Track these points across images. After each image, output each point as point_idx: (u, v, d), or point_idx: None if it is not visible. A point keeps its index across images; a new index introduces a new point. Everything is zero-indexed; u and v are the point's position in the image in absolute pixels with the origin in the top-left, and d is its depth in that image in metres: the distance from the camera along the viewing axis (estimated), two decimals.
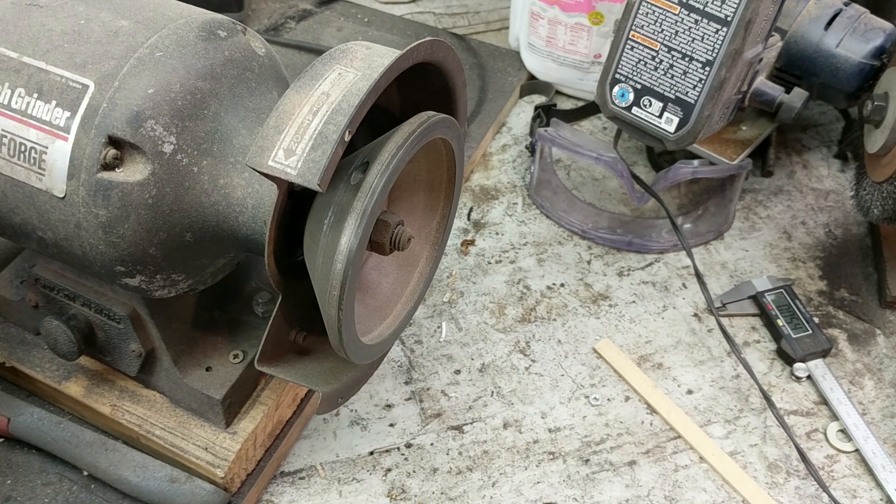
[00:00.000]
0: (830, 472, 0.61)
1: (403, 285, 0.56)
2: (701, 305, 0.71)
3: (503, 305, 0.71)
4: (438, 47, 0.47)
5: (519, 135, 0.85)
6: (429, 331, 0.69)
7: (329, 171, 0.41)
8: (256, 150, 0.42)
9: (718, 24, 0.60)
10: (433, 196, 0.56)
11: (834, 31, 0.73)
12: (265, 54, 0.51)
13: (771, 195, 0.80)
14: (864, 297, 0.72)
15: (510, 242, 0.75)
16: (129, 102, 0.45)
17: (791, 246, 0.76)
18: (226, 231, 0.48)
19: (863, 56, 0.72)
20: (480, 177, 0.81)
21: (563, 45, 0.83)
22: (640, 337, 0.69)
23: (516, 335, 0.69)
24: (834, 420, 0.64)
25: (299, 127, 0.41)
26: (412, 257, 0.56)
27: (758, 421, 0.64)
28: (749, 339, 0.69)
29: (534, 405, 0.64)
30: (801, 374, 0.66)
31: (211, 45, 0.48)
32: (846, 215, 0.79)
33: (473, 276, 0.73)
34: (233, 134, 0.48)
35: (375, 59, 0.44)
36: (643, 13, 0.63)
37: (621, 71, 0.65)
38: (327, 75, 0.43)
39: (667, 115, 0.64)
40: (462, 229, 0.76)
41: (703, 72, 0.62)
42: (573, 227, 0.76)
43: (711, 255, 0.75)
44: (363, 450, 0.62)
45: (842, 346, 0.69)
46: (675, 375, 0.66)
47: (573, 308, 0.71)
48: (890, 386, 0.66)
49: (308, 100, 0.42)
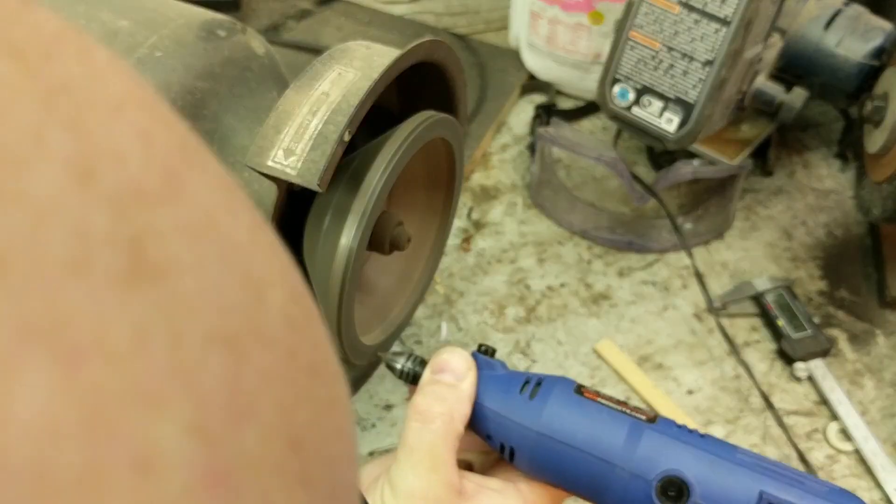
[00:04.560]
0: (830, 472, 0.61)
1: (403, 285, 0.56)
2: (701, 305, 0.71)
3: (503, 305, 0.71)
4: (438, 47, 0.47)
5: (519, 135, 0.85)
6: (429, 331, 0.69)
7: (329, 171, 0.41)
8: (256, 150, 0.41)
9: (718, 24, 0.60)
10: (433, 196, 0.56)
11: (834, 31, 0.73)
12: (265, 54, 0.51)
13: (771, 195, 0.80)
14: (864, 297, 0.72)
15: (510, 242, 0.75)
16: None
17: (791, 246, 0.76)
18: None
19: (863, 56, 0.72)
20: (480, 177, 0.81)
21: (563, 44, 0.83)
22: (641, 337, 0.69)
23: (516, 335, 0.69)
24: (834, 420, 0.64)
25: (299, 127, 0.41)
26: (412, 257, 0.56)
27: (758, 421, 0.64)
28: (749, 339, 0.69)
29: None
30: (801, 374, 0.66)
31: (210, 44, 0.48)
32: (846, 215, 0.79)
33: (473, 276, 0.73)
34: (232, 134, 0.48)
35: (375, 59, 0.44)
36: (643, 13, 0.63)
37: (621, 71, 0.65)
38: (327, 75, 0.43)
39: (667, 115, 0.64)
40: (462, 229, 0.76)
41: (704, 72, 0.62)
42: (573, 226, 0.76)
43: (711, 255, 0.75)
44: (363, 450, 0.62)
45: (842, 346, 0.69)
46: (676, 376, 0.66)
47: (573, 308, 0.71)
48: (890, 386, 0.66)
49: (308, 99, 0.42)
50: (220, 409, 0.11)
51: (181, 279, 0.11)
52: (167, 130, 0.12)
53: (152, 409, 0.10)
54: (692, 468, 0.37)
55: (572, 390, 0.40)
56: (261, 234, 0.13)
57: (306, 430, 0.13)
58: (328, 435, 0.13)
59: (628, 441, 0.38)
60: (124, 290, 0.10)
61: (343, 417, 0.14)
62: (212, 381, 0.11)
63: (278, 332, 0.12)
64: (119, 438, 0.10)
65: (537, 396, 0.40)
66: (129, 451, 0.10)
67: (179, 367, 0.11)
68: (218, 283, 0.12)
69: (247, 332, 0.12)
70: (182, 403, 0.10)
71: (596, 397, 0.40)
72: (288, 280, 0.14)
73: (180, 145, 0.12)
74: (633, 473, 0.38)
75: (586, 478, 0.39)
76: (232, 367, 0.11)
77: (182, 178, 0.12)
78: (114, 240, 0.10)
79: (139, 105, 0.12)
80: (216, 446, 0.11)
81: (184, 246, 0.11)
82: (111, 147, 0.11)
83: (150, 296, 0.10)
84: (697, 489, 0.37)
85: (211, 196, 0.12)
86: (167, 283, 0.11)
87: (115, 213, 0.10)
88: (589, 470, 0.39)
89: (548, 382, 0.41)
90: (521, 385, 0.41)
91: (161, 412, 0.10)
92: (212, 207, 0.12)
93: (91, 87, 0.11)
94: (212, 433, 0.11)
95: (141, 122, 0.12)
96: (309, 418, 0.13)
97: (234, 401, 0.11)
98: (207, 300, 0.11)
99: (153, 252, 0.11)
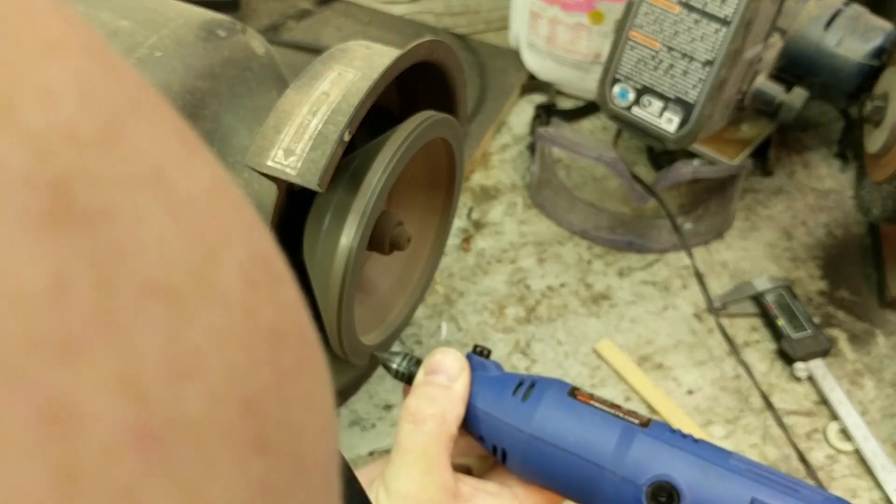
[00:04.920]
0: (830, 472, 0.61)
1: (403, 285, 0.56)
2: (701, 305, 0.71)
3: (503, 305, 0.71)
4: (438, 47, 0.47)
5: (519, 135, 0.85)
6: (429, 331, 0.69)
7: (329, 171, 0.41)
8: (256, 150, 0.42)
9: (718, 24, 0.60)
10: (433, 196, 0.56)
11: (834, 31, 0.73)
12: (265, 54, 0.51)
13: (771, 195, 0.80)
14: (864, 297, 0.72)
15: (510, 242, 0.75)
16: None
17: (791, 246, 0.76)
18: None
19: (863, 56, 0.72)
20: (480, 177, 0.81)
21: (563, 44, 0.83)
22: (641, 337, 0.69)
23: (516, 335, 0.69)
24: (834, 420, 0.64)
25: (299, 127, 0.41)
26: (412, 257, 0.56)
27: (758, 421, 0.64)
28: (749, 339, 0.69)
29: None
30: (801, 374, 0.66)
31: (210, 44, 0.48)
32: (846, 215, 0.79)
33: (473, 276, 0.73)
34: (232, 134, 0.47)
35: (375, 59, 0.44)
36: (643, 13, 0.63)
37: (621, 71, 0.65)
38: (327, 75, 0.43)
39: (667, 115, 0.64)
40: (462, 229, 0.76)
41: (704, 72, 0.62)
42: (573, 226, 0.76)
43: (711, 255, 0.75)
44: (363, 450, 0.62)
45: (842, 346, 0.69)
46: (676, 376, 0.66)
47: (573, 308, 0.71)
48: (890, 386, 0.66)
49: (308, 99, 0.42)
50: (156, 365, 0.10)
51: (115, 228, 0.10)
52: (114, 79, 0.12)
53: (69, 358, 0.09)
54: (683, 473, 0.37)
55: (565, 393, 0.40)
56: (222, 193, 0.13)
57: (264, 395, 0.12)
58: (293, 402, 0.13)
59: (619, 445, 0.38)
60: (44, 233, 0.10)
61: (312, 385, 0.14)
62: (146, 334, 0.10)
63: (233, 292, 0.12)
64: (25, 387, 0.09)
65: (530, 398, 0.40)
66: (37, 402, 0.09)
67: (106, 317, 0.10)
68: (160, 237, 0.11)
69: (193, 288, 0.11)
70: (107, 355, 0.10)
71: (589, 400, 0.40)
72: (252, 241, 0.13)
73: (130, 96, 0.12)
74: (624, 478, 0.38)
75: (577, 481, 0.39)
76: (173, 322, 0.11)
77: (126, 127, 0.11)
78: (33, 180, 0.10)
79: (80, 50, 0.12)
80: (148, 404, 0.10)
81: (121, 195, 0.11)
82: (38, 85, 0.10)
83: (77, 241, 0.10)
84: (688, 495, 0.36)
85: (161, 149, 0.12)
86: (98, 231, 0.10)
87: (37, 153, 0.10)
88: (579, 473, 0.38)
89: (541, 385, 0.41)
90: (514, 387, 0.41)
91: (79, 363, 0.10)
92: (161, 160, 0.12)
93: (22, 25, 0.11)
94: (143, 390, 0.10)
95: (80, 66, 0.11)
96: (268, 383, 0.12)
97: (174, 358, 0.11)
98: (146, 252, 0.11)
99: (83, 198, 0.10)
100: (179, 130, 0.13)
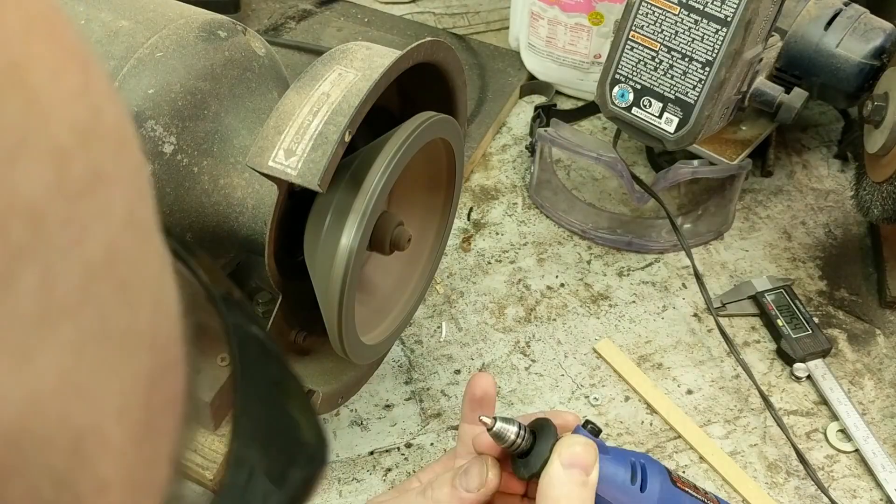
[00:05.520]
0: (830, 472, 0.61)
1: (403, 285, 0.56)
2: (701, 305, 0.71)
3: (503, 305, 0.71)
4: (438, 47, 0.47)
5: (519, 135, 0.85)
6: (429, 331, 0.69)
7: (329, 171, 0.41)
8: (257, 151, 0.42)
9: (718, 25, 0.60)
10: (433, 196, 0.56)
11: (834, 32, 0.73)
12: (265, 54, 0.51)
13: (771, 195, 0.80)
14: (864, 297, 0.72)
15: (510, 242, 0.75)
16: (129, 103, 0.45)
17: (791, 246, 0.76)
18: (226, 231, 0.48)
19: (863, 56, 0.72)
20: (480, 177, 0.81)
21: (563, 45, 0.83)
22: (640, 337, 0.69)
23: (516, 335, 0.69)
24: (834, 420, 0.64)
25: (299, 127, 0.41)
26: (412, 257, 0.56)
27: (757, 421, 0.64)
28: (749, 339, 0.69)
29: (534, 405, 0.64)
30: (800, 374, 0.66)
31: (211, 45, 0.48)
32: (846, 215, 0.79)
33: (473, 276, 0.73)
34: (233, 134, 0.48)
35: (375, 60, 0.44)
36: (643, 13, 0.63)
37: (621, 71, 0.65)
38: (327, 76, 0.43)
39: (667, 116, 0.64)
40: (462, 229, 0.76)
41: (703, 72, 0.62)
42: (573, 227, 0.76)
43: (711, 255, 0.75)
44: (363, 450, 0.62)
45: (842, 346, 0.69)
46: (675, 375, 0.67)
47: (573, 308, 0.71)
48: (890, 386, 0.66)
49: (308, 100, 0.42)
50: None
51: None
52: None
53: None
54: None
55: (669, 481, 0.45)
56: (106, 112, 0.14)
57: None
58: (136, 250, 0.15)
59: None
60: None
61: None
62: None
63: (65, 141, 0.12)
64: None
65: (646, 490, 0.44)
66: None
67: None
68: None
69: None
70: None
71: (685, 487, 0.45)
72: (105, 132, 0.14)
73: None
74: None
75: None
76: None
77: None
78: None
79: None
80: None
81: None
82: None
83: None
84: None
85: (26, 49, 0.12)
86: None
87: None
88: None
89: (650, 470, 0.44)
90: (630, 475, 0.44)
91: None
92: (21, 59, 0.12)
93: None
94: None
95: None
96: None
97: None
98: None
99: None
100: (71, 46, 0.13)
